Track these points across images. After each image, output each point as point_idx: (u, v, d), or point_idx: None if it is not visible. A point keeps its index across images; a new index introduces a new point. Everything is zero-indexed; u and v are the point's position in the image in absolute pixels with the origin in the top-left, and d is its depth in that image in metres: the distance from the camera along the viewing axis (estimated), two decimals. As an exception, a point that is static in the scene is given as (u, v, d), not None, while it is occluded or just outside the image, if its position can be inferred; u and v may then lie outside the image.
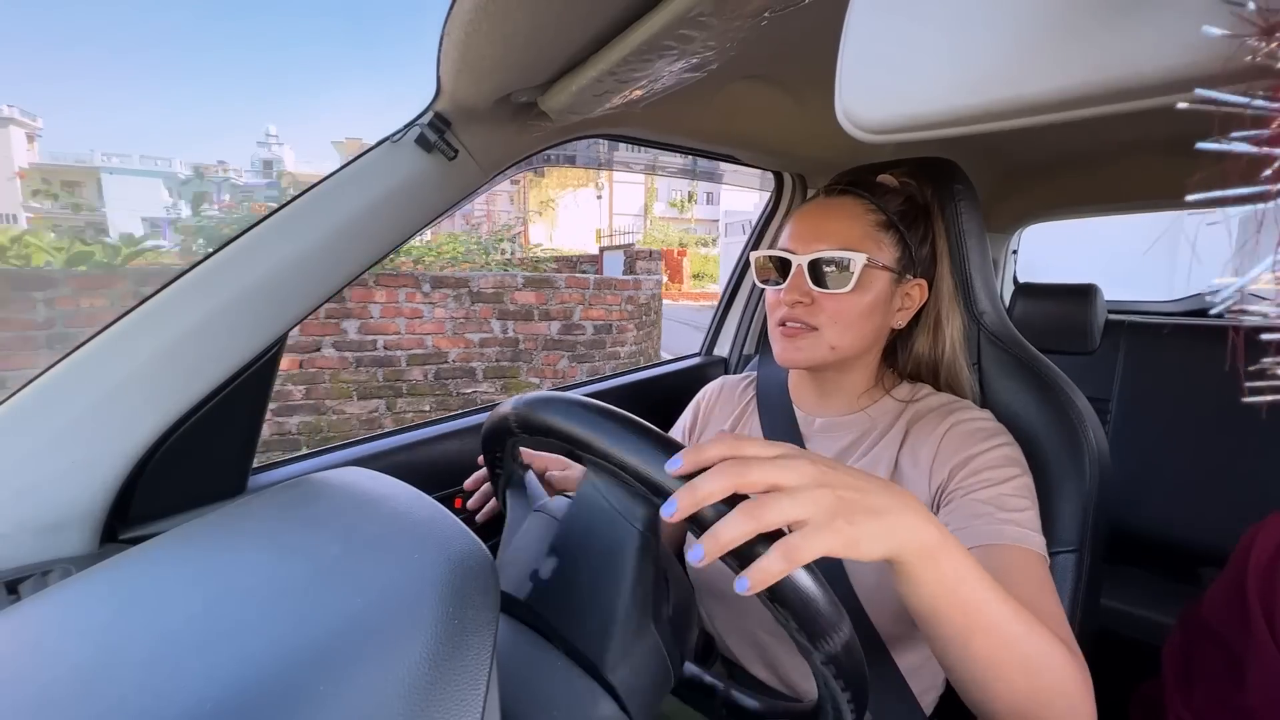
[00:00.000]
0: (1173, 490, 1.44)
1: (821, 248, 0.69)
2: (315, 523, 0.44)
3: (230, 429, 0.71)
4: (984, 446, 0.65)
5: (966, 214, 0.81)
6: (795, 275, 0.70)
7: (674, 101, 0.77)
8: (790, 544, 0.36)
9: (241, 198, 16.04)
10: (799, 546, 0.36)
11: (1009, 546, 0.57)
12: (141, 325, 0.64)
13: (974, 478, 0.63)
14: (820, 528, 0.37)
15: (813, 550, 0.36)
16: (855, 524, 0.38)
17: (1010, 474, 0.63)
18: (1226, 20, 0.18)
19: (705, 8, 0.51)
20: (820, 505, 0.38)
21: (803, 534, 0.37)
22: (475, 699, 0.31)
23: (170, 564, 0.42)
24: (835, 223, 0.70)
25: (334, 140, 44.85)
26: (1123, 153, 1.34)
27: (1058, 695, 0.46)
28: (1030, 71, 0.23)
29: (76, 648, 0.34)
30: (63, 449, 0.60)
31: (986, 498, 0.61)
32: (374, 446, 0.90)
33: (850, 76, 0.27)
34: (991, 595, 0.44)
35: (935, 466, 0.67)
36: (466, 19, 0.55)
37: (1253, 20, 0.17)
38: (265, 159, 41.34)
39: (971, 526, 0.60)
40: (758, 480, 0.38)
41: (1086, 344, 1.59)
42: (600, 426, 0.43)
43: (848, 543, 0.38)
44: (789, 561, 0.36)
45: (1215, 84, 0.18)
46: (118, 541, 0.64)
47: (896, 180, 0.77)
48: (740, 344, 1.41)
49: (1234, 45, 0.17)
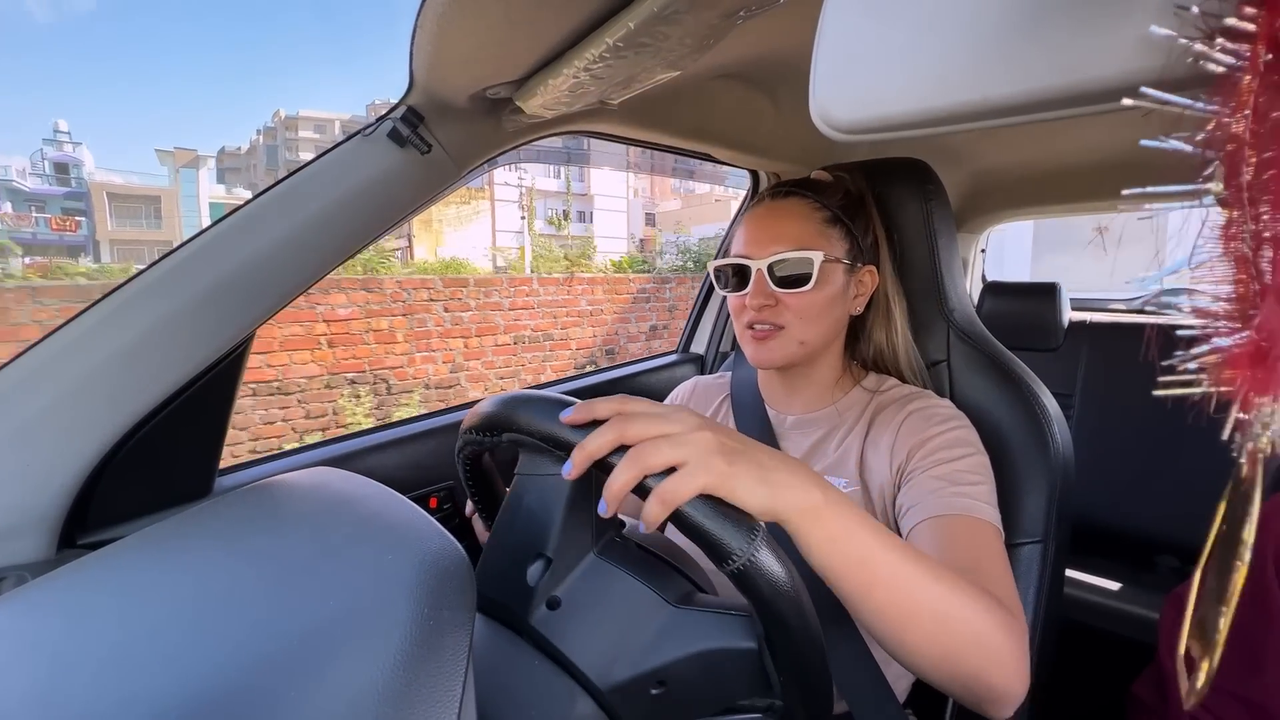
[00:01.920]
0: (1132, 482, 1.49)
1: (778, 249, 0.71)
2: (284, 525, 0.43)
3: (195, 429, 0.69)
4: (940, 429, 0.68)
5: (937, 214, 0.83)
6: (756, 279, 0.72)
7: (650, 99, 0.77)
8: (665, 487, 0.38)
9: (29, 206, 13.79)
10: (674, 488, 0.38)
11: (957, 517, 0.60)
12: (102, 322, 0.62)
13: (929, 457, 0.66)
14: (696, 465, 0.39)
15: (689, 487, 0.38)
16: (733, 465, 0.40)
17: (964, 452, 0.65)
18: (1180, 27, 0.18)
19: (680, 5, 0.51)
20: (698, 446, 0.39)
21: (680, 474, 0.38)
22: (451, 700, 0.30)
23: (131, 569, 0.41)
24: (786, 224, 0.73)
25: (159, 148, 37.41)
26: (1089, 154, 1.38)
27: (976, 642, 0.46)
28: (999, 75, 0.23)
29: (31, 658, 0.33)
30: (17, 451, 0.58)
31: (940, 474, 0.64)
32: (345, 446, 0.89)
33: (824, 77, 0.28)
34: (887, 550, 0.44)
35: (895, 449, 0.69)
36: (439, 12, 0.54)
37: (1198, 26, 0.18)
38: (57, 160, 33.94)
39: (923, 501, 0.62)
40: (641, 431, 0.40)
41: (1051, 340, 1.64)
42: (515, 406, 0.47)
43: (724, 478, 0.39)
44: (665, 504, 0.38)
45: (1167, 89, 0.19)
46: (76, 547, 0.62)
47: (830, 176, 0.80)
48: (716, 342, 1.42)
49: (1184, 50, 0.18)
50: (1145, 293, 0.23)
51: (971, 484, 0.62)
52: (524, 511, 0.49)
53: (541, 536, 0.47)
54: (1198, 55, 0.18)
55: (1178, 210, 0.19)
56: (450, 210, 15.22)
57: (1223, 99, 0.17)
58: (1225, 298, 0.19)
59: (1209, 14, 0.18)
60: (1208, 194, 0.18)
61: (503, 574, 0.48)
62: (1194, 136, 0.18)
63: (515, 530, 0.49)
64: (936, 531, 0.59)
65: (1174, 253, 0.20)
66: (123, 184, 32.19)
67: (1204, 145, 0.18)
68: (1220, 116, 0.17)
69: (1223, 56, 0.17)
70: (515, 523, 0.50)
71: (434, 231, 15.12)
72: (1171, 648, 0.59)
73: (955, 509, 0.60)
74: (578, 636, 0.44)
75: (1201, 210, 0.18)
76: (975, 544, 0.58)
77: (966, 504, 0.60)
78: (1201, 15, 0.18)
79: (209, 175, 35.23)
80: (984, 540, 0.58)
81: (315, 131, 40.45)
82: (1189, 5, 0.18)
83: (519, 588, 0.46)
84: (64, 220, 29.72)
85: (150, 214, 31.33)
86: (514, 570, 0.47)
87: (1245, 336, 0.18)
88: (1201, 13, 0.18)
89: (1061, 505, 0.72)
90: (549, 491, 0.47)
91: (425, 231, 15.01)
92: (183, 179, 31.89)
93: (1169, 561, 1.47)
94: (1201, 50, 0.18)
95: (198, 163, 32.90)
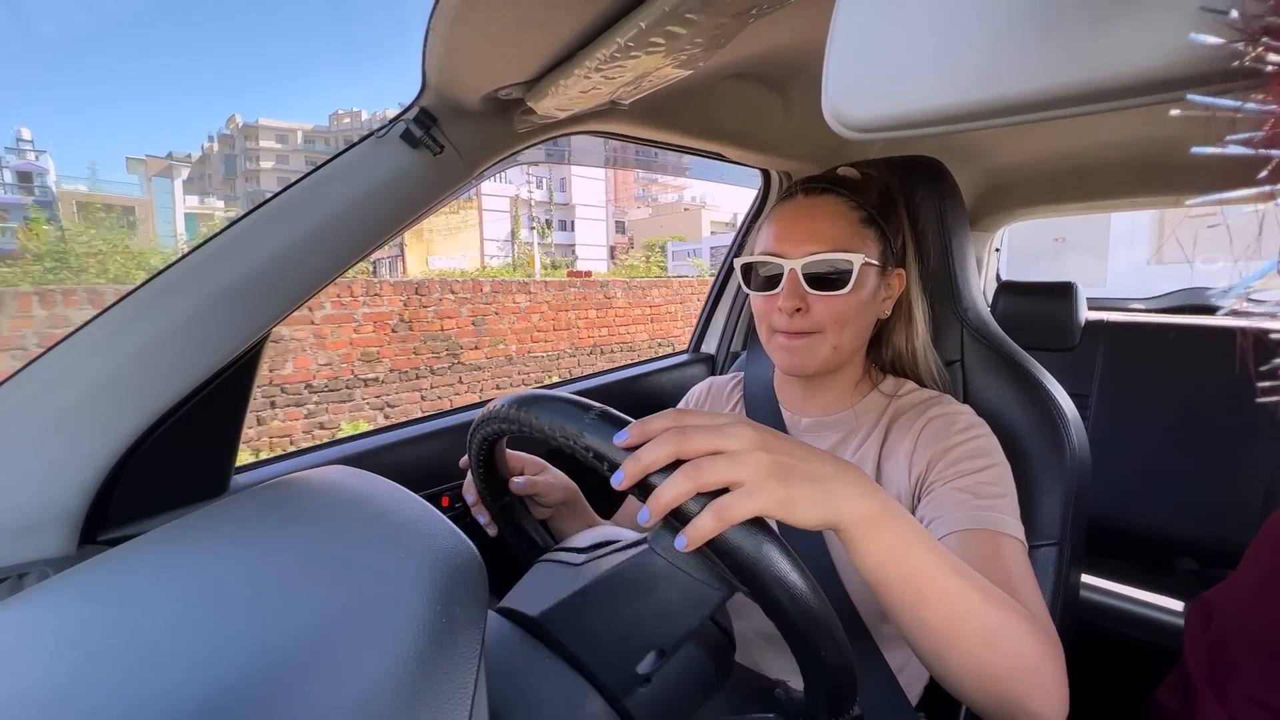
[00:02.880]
0: (1149, 483, 1.47)
1: (814, 250, 0.68)
2: (299, 522, 0.44)
3: (211, 428, 0.70)
4: (961, 437, 0.66)
5: (951, 212, 0.82)
6: (789, 280, 0.69)
7: (661, 99, 0.77)
8: (722, 503, 0.38)
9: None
10: (730, 506, 0.38)
11: (983, 531, 0.58)
12: (121, 322, 0.63)
13: (951, 468, 0.64)
14: (755, 488, 0.38)
15: (744, 510, 0.38)
16: (790, 487, 0.39)
17: (987, 463, 0.64)
18: (1209, 22, 0.18)
19: (692, 5, 0.51)
20: (756, 467, 0.39)
21: (736, 494, 0.38)
22: (463, 697, 0.30)
23: (150, 565, 0.42)
24: (822, 223, 0.70)
25: (130, 156, 36.81)
26: (1105, 151, 1.36)
27: (1021, 667, 0.45)
28: (1015, 72, 0.23)
29: (54, 651, 0.34)
30: (40, 449, 0.59)
31: (963, 486, 0.62)
32: (359, 445, 0.89)
33: (837, 75, 0.27)
34: (942, 566, 0.44)
35: (914, 458, 0.67)
36: (452, 14, 0.55)
37: (1237, 26, 0.17)
38: (21, 169, 33.37)
39: (948, 514, 0.61)
40: (698, 446, 0.39)
41: (1067, 340, 1.62)
42: (560, 412, 0.45)
43: (781, 503, 0.39)
44: (720, 520, 0.37)
45: (1198, 85, 0.18)
46: (97, 543, 0.63)
47: (859, 173, 0.78)
48: (728, 342, 1.42)
49: (1219, 49, 0.18)
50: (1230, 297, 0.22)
51: (995, 496, 0.61)
52: (655, 595, 0.45)
53: (667, 631, 0.44)
54: (1233, 54, 0.17)
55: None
56: (440, 220, 15.90)
57: (1276, 97, 0.17)
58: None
59: (1249, 14, 0.17)
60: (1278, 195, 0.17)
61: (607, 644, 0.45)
62: (1251, 138, 0.17)
63: (637, 608, 0.45)
64: (963, 547, 0.57)
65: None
66: (82, 191, 31.67)
67: (1264, 145, 0.17)
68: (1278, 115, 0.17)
69: (1272, 56, 0.17)
70: (639, 599, 0.46)
71: (424, 241, 15.63)
72: (1197, 655, 0.58)
73: (980, 523, 0.58)
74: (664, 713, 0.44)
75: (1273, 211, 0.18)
76: (1005, 561, 0.56)
77: (993, 519, 0.59)
78: (1242, 16, 0.17)
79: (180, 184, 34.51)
80: (1012, 557, 0.57)
81: (276, 141, 39.85)
82: (1219, 7, 0.17)
83: (624, 668, 0.44)
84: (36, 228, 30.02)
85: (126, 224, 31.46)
86: (624, 649, 0.45)
87: None
88: (1242, 13, 0.17)
89: (1078, 507, 0.71)
90: (692, 589, 0.44)
91: (416, 241, 15.51)
92: (156, 188, 31.50)
93: (1187, 564, 1.44)
94: (1238, 48, 0.17)
95: (171, 172, 32.49)
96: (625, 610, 0.44)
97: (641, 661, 0.43)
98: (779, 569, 0.38)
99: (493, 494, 0.63)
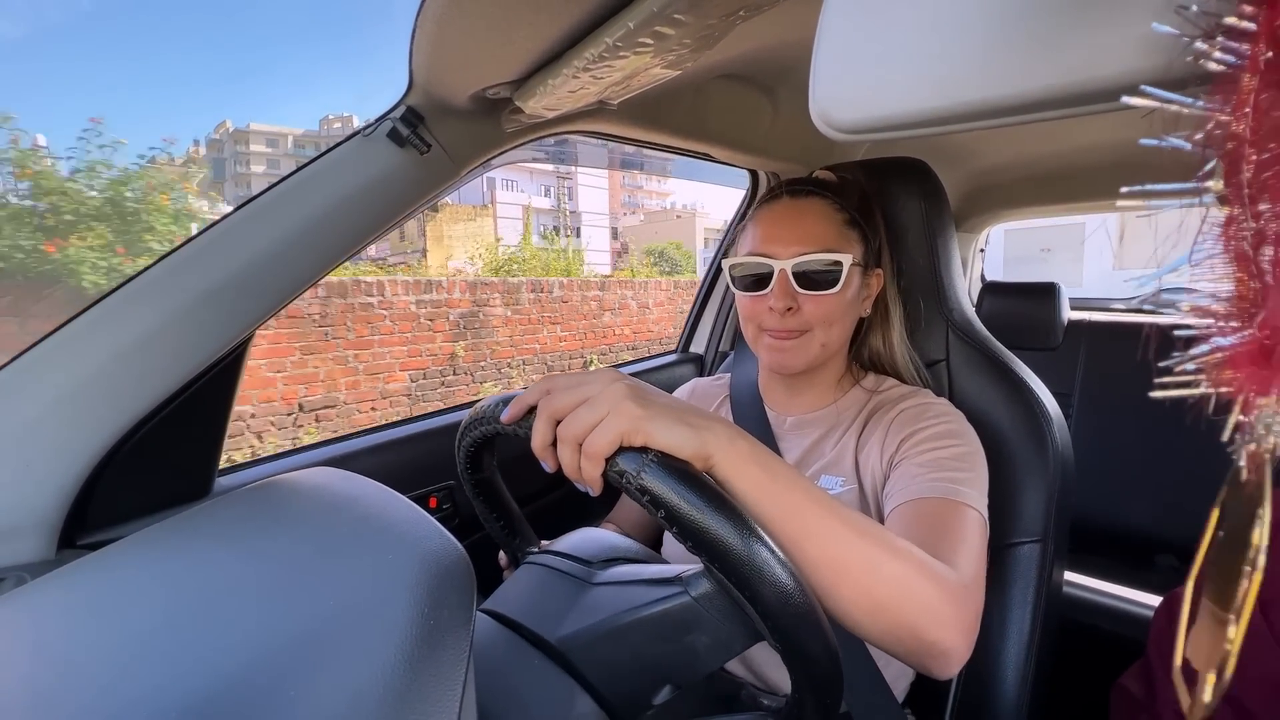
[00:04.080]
0: (1130, 481, 1.49)
1: (804, 250, 0.69)
2: (284, 524, 0.43)
3: (194, 429, 0.69)
4: (931, 421, 0.68)
5: (936, 213, 0.83)
6: (780, 280, 0.70)
7: (649, 99, 0.77)
8: (589, 441, 0.40)
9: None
10: (595, 441, 0.39)
11: (930, 499, 0.59)
12: (101, 322, 0.62)
13: (916, 447, 0.66)
14: (613, 414, 0.40)
15: (605, 437, 0.39)
16: (648, 409, 0.41)
17: (952, 443, 0.65)
18: (1182, 27, 0.18)
19: (680, 6, 0.51)
20: (612, 398, 0.41)
21: (598, 429, 0.40)
22: (452, 699, 0.30)
23: (131, 570, 0.41)
24: (811, 224, 0.71)
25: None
26: (1087, 154, 1.38)
27: (906, 595, 0.46)
28: (1000, 75, 0.23)
29: (31, 658, 0.33)
30: (17, 451, 0.58)
31: (923, 461, 0.64)
32: (346, 446, 0.89)
33: (824, 77, 0.28)
34: (815, 502, 0.45)
35: (886, 442, 0.69)
36: (439, 12, 0.54)
37: (1198, 24, 0.18)
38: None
39: (905, 486, 0.62)
40: (563, 405, 0.42)
41: (1051, 340, 1.64)
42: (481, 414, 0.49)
43: (638, 421, 0.40)
44: (590, 458, 0.40)
45: (1168, 88, 0.19)
46: (76, 547, 0.62)
47: (835, 176, 0.80)
48: (716, 342, 1.42)
49: (1184, 49, 0.18)
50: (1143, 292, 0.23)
51: (955, 469, 0.62)
52: (684, 639, 0.44)
53: (689, 670, 0.44)
54: (1198, 54, 0.18)
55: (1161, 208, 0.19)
56: (459, 227, 17.12)
57: (1223, 97, 0.17)
58: (1224, 296, 0.19)
59: (1209, 13, 0.18)
60: (1208, 192, 0.18)
61: (628, 678, 0.45)
62: (1194, 135, 0.18)
63: (664, 648, 0.45)
64: (909, 512, 0.59)
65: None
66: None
67: (1203, 144, 0.18)
68: (1220, 115, 0.17)
69: (1222, 55, 0.17)
70: (667, 642, 0.45)
71: (444, 245, 16.72)
72: (1160, 648, 0.60)
73: (933, 492, 0.60)
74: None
75: (1198, 209, 0.18)
76: (942, 522, 0.57)
77: (945, 488, 0.60)
78: (1201, 14, 0.18)
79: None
80: (954, 520, 0.57)
81: (267, 145, 39.82)
82: (1189, 4, 0.18)
83: (640, 700, 0.44)
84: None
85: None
86: (643, 683, 0.45)
87: (1247, 335, 0.18)
88: (1201, 11, 0.18)
89: (1060, 504, 0.72)
90: (720, 634, 0.43)
91: (436, 246, 16.64)
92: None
93: (1168, 560, 1.47)
94: (1201, 49, 0.17)
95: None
96: (651, 649, 0.44)
97: (658, 694, 0.44)
98: (770, 572, 0.38)
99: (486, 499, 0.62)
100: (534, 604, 0.51)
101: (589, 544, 0.55)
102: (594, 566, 0.51)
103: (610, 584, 0.49)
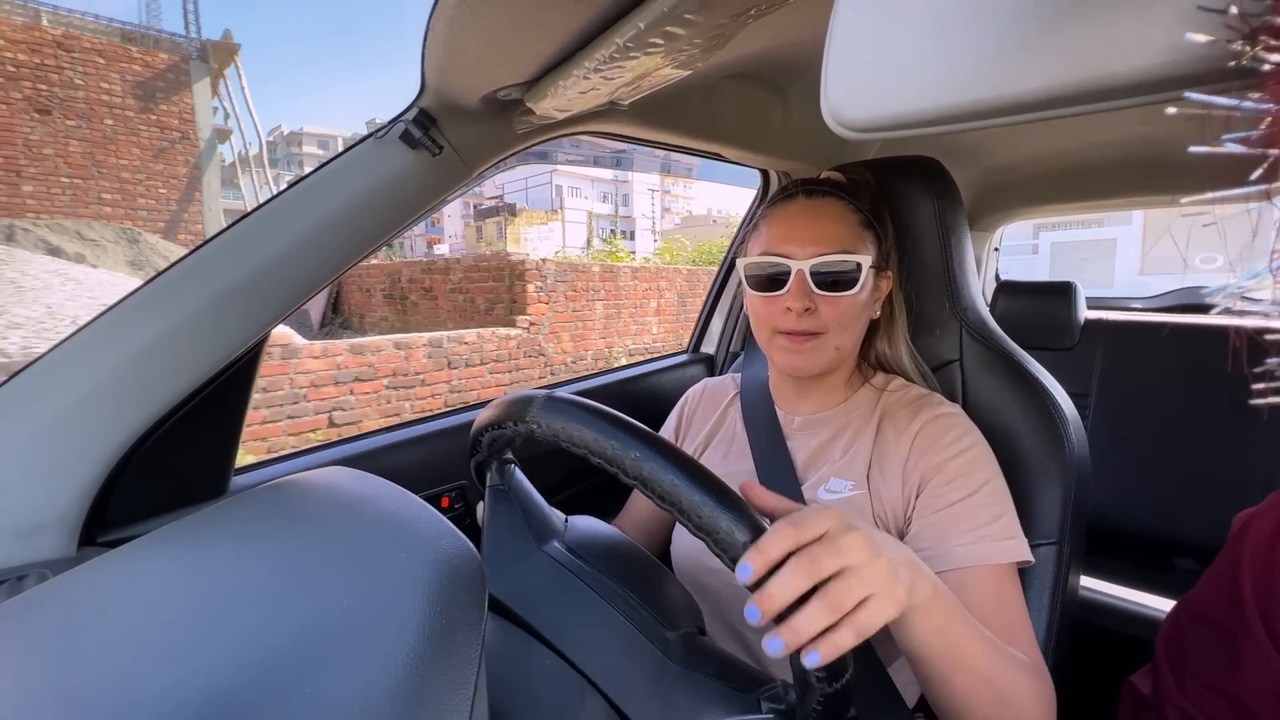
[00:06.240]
0: (1149, 483, 1.47)
1: (822, 251, 0.69)
2: (299, 524, 0.43)
3: (211, 429, 0.70)
4: (954, 450, 0.66)
5: (950, 212, 0.82)
6: (797, 281, 0.69)
7: (660, 99, 0.77)
8: (860, 620, 0.39)
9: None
10: (865, 622, 0.39)
11: (979, 568, 0.60)
12: (119, 324, 0.63)
13: (946, 487, 0.65)
14: (886, 599, 0.40)
15: (880, 620, 0.40)
16: (901, 585, 0.41)
17: (982, 480, 0.65)
18: (1206, 22, 0.18)
19: (690, 6, 0.51)
20: (882, 577, 0.40)
21: (869, 608, 0.39)
22: (464, 697, 0.30)
23: (150, 567, 0.41)
24: (827, 224, 0.71)
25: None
26: (1103, 151, 1.36)
27: (1028, 699, 0.51)
28: (1013, 72, 0.23)
29: (53, 653, 0.34)
30: (40, 450, 0.59)
31: (960, 513, 0.63)
32: (359, 446, 0.89)
33: (836, 75, 0.28)
34: (973, 638, 0.48)
35: (907, 470, 0.68)
36: (450, 15, 0.55)
37: (1234, 25, 0.17)
38: None
39: (946, 550, 0.62)
40: (827, 569, 0.39)
41: (1066, 340, 1.62)
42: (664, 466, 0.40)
43: (899, 606, 0.41)
44: (859, 634, 0.39)
45: (1196, 84, 0.18)
46: (96, 545, 0.63)
47: (844, 177, 0.79)
48: (727, 342, 1.42)
49: (1216, 48, 0.18)
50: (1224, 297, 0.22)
51: (992, 520, 0.62)
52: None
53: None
54: (1231, 54, 0.17)
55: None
56: (533, 230, 20.06)
57: (1276, 96, 0.17)
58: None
59: (1247, 12, 0.17)
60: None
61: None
62: (1247, 137, 0.17)
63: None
64: (961, 587, 0.59)
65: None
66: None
67: (1260, 144, 0.17)
68: (1276, 114, 0.17)
69: (1270, 55, 0.17)
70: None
71: (521, 245, 19.30)
72: (1168, 649, 0.59)
73: (980, 559, 0.61)
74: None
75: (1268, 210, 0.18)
76: (1004, 601, 0.59)
77: (991, 550, 0.61)
78: (1240, 15, 0.17)
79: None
80: (1010, 594, 0.60)
81: (318, 147, 42.31)
82: (1216, 6, 0.17)
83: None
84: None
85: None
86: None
87: None
88: (1240, 12, 0.17)
89: (1077, 506, 0.71)
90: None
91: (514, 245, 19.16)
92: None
93: (1186, 564, 1.45)
94: (1235, 49, 0.17)
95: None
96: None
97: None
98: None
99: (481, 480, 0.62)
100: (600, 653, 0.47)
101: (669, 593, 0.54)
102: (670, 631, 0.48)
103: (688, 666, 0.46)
